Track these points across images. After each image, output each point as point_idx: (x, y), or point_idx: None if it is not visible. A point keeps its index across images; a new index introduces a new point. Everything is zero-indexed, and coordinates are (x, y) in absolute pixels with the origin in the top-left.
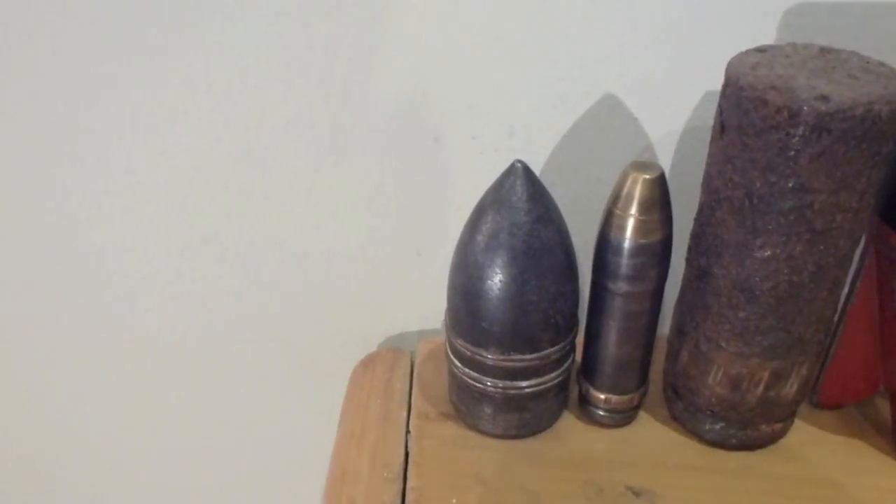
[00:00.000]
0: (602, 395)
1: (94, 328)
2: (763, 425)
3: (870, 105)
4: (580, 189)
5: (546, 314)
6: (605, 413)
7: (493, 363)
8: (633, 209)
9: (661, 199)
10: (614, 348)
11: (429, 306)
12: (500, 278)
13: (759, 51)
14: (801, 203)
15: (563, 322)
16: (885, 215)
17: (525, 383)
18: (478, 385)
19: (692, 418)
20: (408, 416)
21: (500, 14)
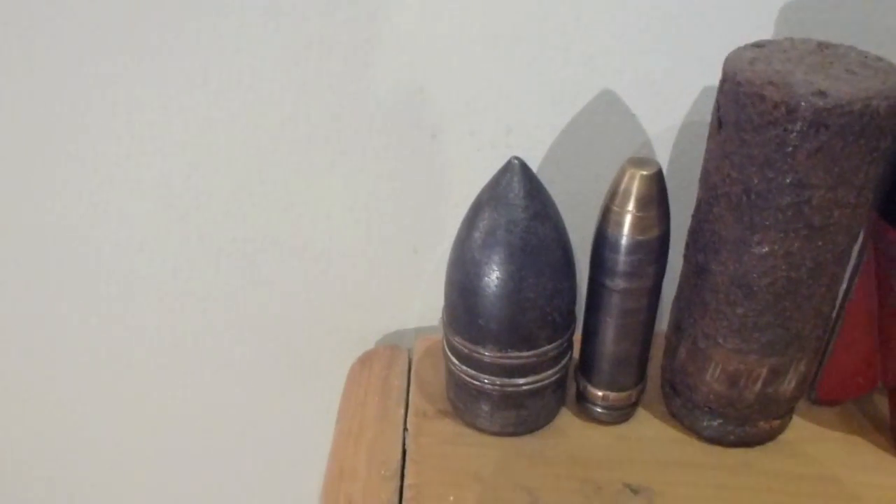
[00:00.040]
0: (600, 392)
1: (91, 326)
2: (761, 422)
3: (868, 100)
4: (577, 185)
5: (543, 311)
6: (602, 410)
7: (491, 360)
8: (631, 205)
9: (658, 196)
10: (612, 345)
11: (426, 303)
12: (498, 275)
13: (757, 46)
14: (799, 199)
15: (561, 319)
16: (883, 211)
17: (522, 380)
18: (475, 382)
19: (690, 415)
20: (405, 413)
21: (498, 10)
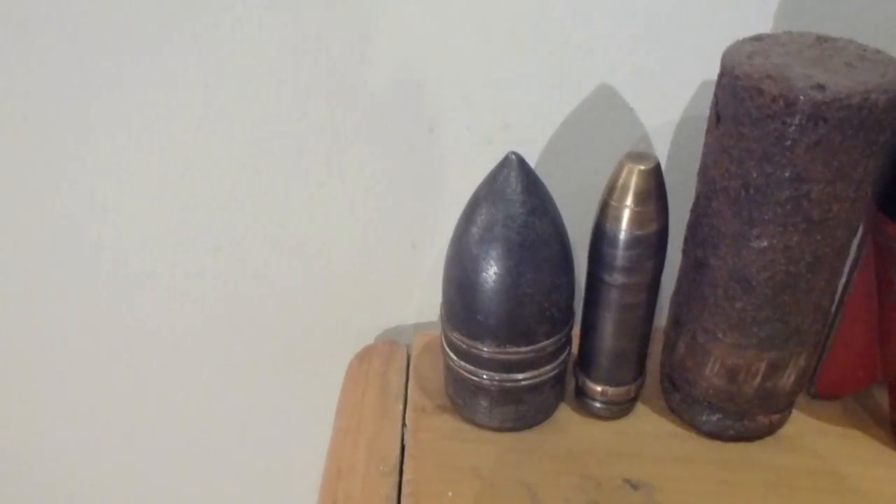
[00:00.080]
0: (599, 388)
1: (89, 324)
2: (760, 416)
3: (867, 94)
4: (575, 180)
5: (542, 306)
6: (601, 405)
7: (489, 356)
8: (629, 200)
9: (656, 190)
10: (610, 340)
11: (424, 299)
12: (496, 271)
13: (755, 39)
14: (798, 193)
15: (559, 314)
16: (882, 205)
17: (521, 376)
18: (474, 378)
19: (689, 410)
20: (404, 409)
21: (495, 4)
